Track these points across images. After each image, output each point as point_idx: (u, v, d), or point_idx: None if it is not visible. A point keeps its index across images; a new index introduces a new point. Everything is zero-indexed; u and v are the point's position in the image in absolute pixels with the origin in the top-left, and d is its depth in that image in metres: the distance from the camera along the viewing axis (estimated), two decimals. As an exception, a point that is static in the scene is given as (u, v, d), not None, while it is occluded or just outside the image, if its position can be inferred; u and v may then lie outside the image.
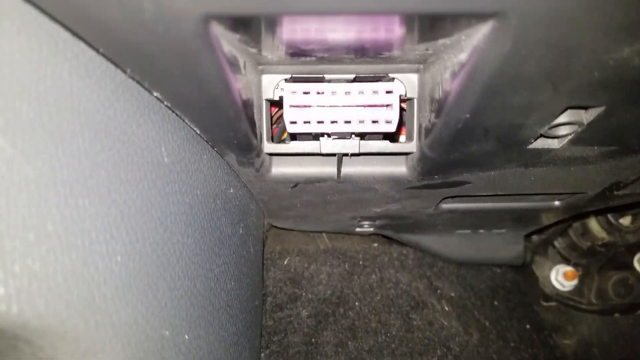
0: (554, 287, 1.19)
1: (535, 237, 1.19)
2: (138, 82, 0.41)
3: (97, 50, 0.37)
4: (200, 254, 0.51)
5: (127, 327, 0.38)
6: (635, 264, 1.17)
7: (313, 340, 0.90)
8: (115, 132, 0.39)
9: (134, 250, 0.40)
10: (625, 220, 1.10)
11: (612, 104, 0.45)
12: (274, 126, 0.67)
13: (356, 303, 0.96)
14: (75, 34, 0.36)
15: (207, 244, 0.53)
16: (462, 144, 0.53)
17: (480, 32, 0.37)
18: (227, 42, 0.40)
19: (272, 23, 0.38)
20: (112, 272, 0.37)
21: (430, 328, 0.95)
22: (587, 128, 0.49)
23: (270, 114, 0.61)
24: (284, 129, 0.68)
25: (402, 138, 0.66)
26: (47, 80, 0.34)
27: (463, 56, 0.41)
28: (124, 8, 0.32)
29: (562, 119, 0.48)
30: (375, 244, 1.07)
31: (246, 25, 0.38)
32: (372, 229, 0.94)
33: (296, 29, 0.40)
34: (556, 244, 1.20)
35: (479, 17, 0.35)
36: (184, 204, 0.48)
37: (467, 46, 0.40)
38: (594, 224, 1.11)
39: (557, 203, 0.78)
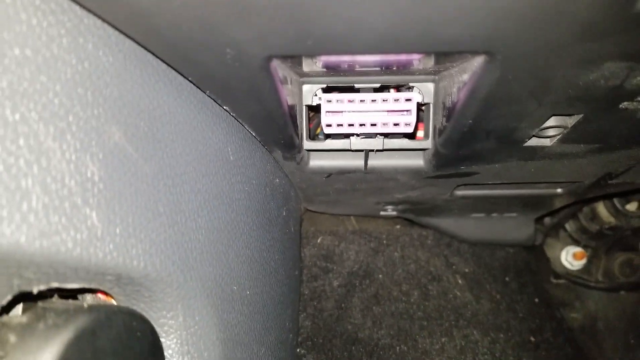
0: (564, 266, 1.29)
1: (547, 221, 1.29)
2: (213, 99, 0.54)
3: (186, 77, 0.50)
4: (256, 229, 0.64)
5: (209, 281, 0.52)
6: (642, 246, 1.26)
7: (343, 305, 1.04)
8: (198, 137, 0.52)
9: (212, 225, 0.53)
10: (632, 206, 1.18)
11: (588, 112, 0.55)
12: (310, 122, 0.79)
13: (380, 276, 1.08)
14: (171, 66, 0.48)
15: (261, 222, 0.67)
16: (469, 142, 0.64)
17: (476, 62, 0.48)
18: (281, 69, 0.52)
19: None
20: (199, 241, 0.51)
21: (444, 297, 1.07)
22: (572, 130, 0.59)
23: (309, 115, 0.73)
24: (318, 125, 0.80)
25: (420, 133, 0.77)
26: (154, 102, 0.47)
27: (465, 76, 0.52)
28: (213, 52, 0.44)
29: (549, 123, 0.58)
30: (398, 226, 1.20)
31: (295, 57, 0.51)
32: (395, 213, 1.06)
33: (332, 57, 0.52)
34: (567, 227, 1.29)
35: (473, 53, 0.46)
36: (244, 191, 0.61)
37: (468, 69, 0.51)
38: (602, 209, 1.19)
39: (559, 190, 0.89)
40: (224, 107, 0.55)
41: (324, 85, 0.65)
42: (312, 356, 0.95)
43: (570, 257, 1.28)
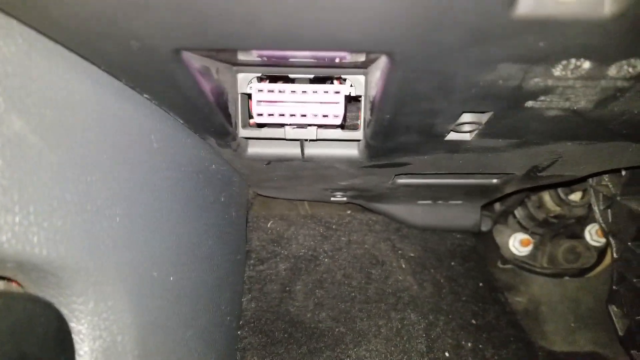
0: (511, 252, 1.33)
1: (497, 207, 1.32)
2: (131, 87, 0.54)
3: (100, 67, 0.50)
4: (184, 216, 0.65)
5: (125, 267, 0.53)
6: (586, 235, 1.30)
7: (287, 288, 1.06)
8: (114, 126, 0.53)
9: (130, 213, 0.54)
10: (575, 197, 1.22)
11: (496, 110, 0.56)
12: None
13: (325, 260, 1.11)
14: (84, 57, 0.49)
15: (191, 209, 0.68)
16: (393, 135, 0.65)
17: (382, 61, 0.49)
18: (199, 59, 0.52)
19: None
20: (113, 229, 0.52)
21: (386, 281, 1.10)
22: (486, 126, 0.61)
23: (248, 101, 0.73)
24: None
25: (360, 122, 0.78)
26: (63, 91, 0.47)
27: (378, 73, 0.53)
28: (118, 44, 0.44)
29: (464, 119, 0.60)
30: (349, 211, 1.22)
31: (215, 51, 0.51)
32: (345, 199, 1.08)
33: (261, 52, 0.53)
34: (516, 213, 1.33)
35: (376, 53, 0.47)
36: (171, 178, 0.62)
37: (379, 67, 0.52)
38: (547, 198, 1.23)
39: (494, 181, 0.91)
40: (144, 95, 0.56)
41: (260, 74, 0.66)
42: (253, 338, 0.97)
43: (518, 244, 1.32)
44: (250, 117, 0.73)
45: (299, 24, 0.41)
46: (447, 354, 1.02)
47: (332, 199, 1.09)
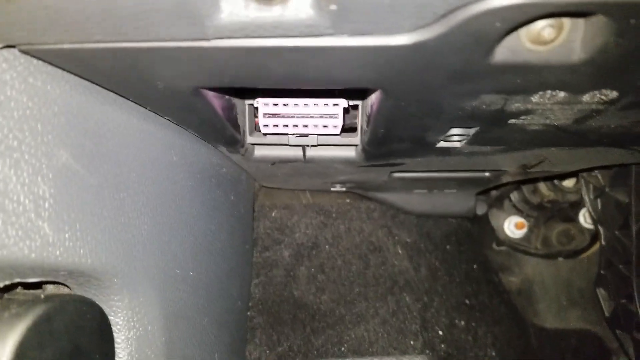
0: (506, 235, 1.40)
1: (493, 192, 1.39)
2: (152, 111, 0.62)
3: (128, 98, 0.58)
4: (200, 217, 0.74)
5: (152, 268, 0.62)
6: (580, 218, 1.37)
7: (291, 273, 1.17)
8: (141, 146, 0.61)
9: (155, 221, 0.63)
10: (569, 183, 1.28)
11: (482, 126, 0.63)
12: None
13: (326, 246, 1.20)
14: (115, 92, 0.56)
15: (205, 210, 0.76)
16: (387, 143, 0.72)
17: (378, 92, 0.56)
18: (213, 90, 0.60)
19: None
20: (142, 236, 0.60)
21: (383, 266, 1.19)
22: (474, 137, 0.68)
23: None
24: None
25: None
26: (99, 122, 0.55)
27: (374, 98, 0.60)
28: (146, 84, 0.52)
29: (452, 132, 0.67)
30: (348, 200, 1.30)
31: None
32: (344, 189, 1.16)
33: None
34: (512, 197, 1.39)
35: (372, 87, 0.54)
36: (188, 186, 0.70)
37: (375, 95, 0.59)
38: (541, 184, 1.29)
39: (487, 174, 0.98)
40: (165, 117, 0.63)
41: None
42: (261, 319, 1.08)
43: (513, 227, 1.39)
44: (257, 128, 0.81)
45: (305, 70, 0.47)
46: (440, 332, 1.12)
47: (332, 189, 1.18)
